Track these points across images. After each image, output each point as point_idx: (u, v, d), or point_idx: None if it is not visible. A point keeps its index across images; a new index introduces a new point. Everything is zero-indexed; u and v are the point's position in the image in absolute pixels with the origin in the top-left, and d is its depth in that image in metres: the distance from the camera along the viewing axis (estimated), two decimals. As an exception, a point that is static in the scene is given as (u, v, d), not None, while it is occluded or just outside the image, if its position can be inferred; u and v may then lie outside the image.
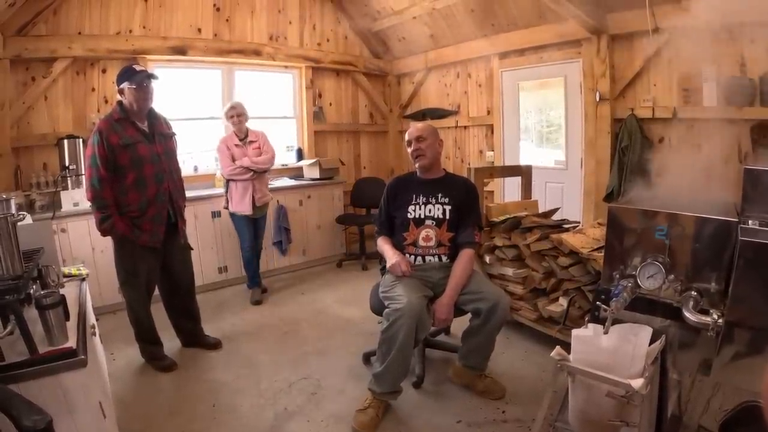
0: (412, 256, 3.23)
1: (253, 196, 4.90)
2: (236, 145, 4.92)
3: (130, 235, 3.35)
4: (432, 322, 3.02)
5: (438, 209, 3.21)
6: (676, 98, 4.54)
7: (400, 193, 3.34)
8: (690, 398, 2.41)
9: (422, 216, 3.22)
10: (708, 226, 1.94)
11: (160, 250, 3.54)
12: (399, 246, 3.28)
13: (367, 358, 3.60)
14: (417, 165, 3.31)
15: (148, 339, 3.67)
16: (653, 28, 4.44)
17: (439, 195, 3.23)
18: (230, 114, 4.93)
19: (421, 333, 2.88)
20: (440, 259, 3.21)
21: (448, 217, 3.19)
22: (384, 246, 3.31)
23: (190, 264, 3.84)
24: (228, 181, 4.96)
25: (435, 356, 3.70)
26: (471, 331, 3.08)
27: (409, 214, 3.24)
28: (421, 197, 3.25)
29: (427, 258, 3.21)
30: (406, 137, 3.32)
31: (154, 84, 3.39)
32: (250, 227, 5.05)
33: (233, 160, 4.86)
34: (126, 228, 3.33)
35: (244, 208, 4.89)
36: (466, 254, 3.14)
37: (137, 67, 3.36)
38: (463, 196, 3.25)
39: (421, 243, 3.21)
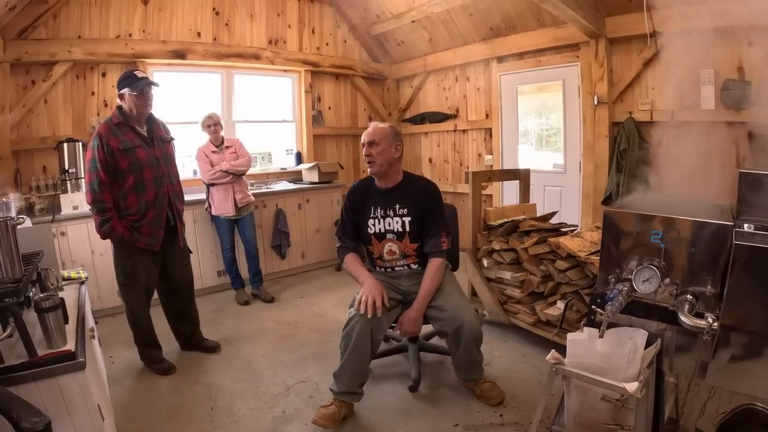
0: (381, 268, 3.21)
1: (234, 198, 5.05)
2: (213, 152, 5.10)
3: (129, 237, 3.37)
4: (398, 331, 3.04)
5: (397, 222, 3.09)
6: (674, 101, 4.56)
7: (359, 203, 3.20)
8: (686, 401, 2.42)
9: (382, 230, 3.12)
10: (703, 229, 1.95)
11: (159, 254, 3.55)
12: (369, 257, 3.26)
13: None
14: (368, 171, 3.16)
15: (146, 342, 3.67)
16: (651, 32, 4.46)
17: (397, 206, 3.09)
18: (207, 123, 5.11)
19: (377, 335, 2.85)
20: (409, 267, 3.17)
21: (408, 229, 3.08)
22: (354, 266, 3.15)
23: (189, 267, 3.85)
24: (208, 186, 5.11)
25: (432, 359, 3.71)
26: (450, 348, 3.06)
27: (369, 229, 3.14)
28: (379, 210, 3.12)
29: (396, 268, 3.18)
30: (362, 138, 3.13)
31: (154, 90, 3.42)
32: (231, 230, 5.24)
33: (212, 165, 5.02)
34: (125, 231, 3.34)
35: (227, 209, 5.05)
36: (434, 264, 3.04)
37: (139, 74, 3.37)
38: (423, 203, 3.08)
39: (387, 257, 3.16)
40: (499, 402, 3.10)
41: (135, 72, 3.39)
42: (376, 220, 3.11)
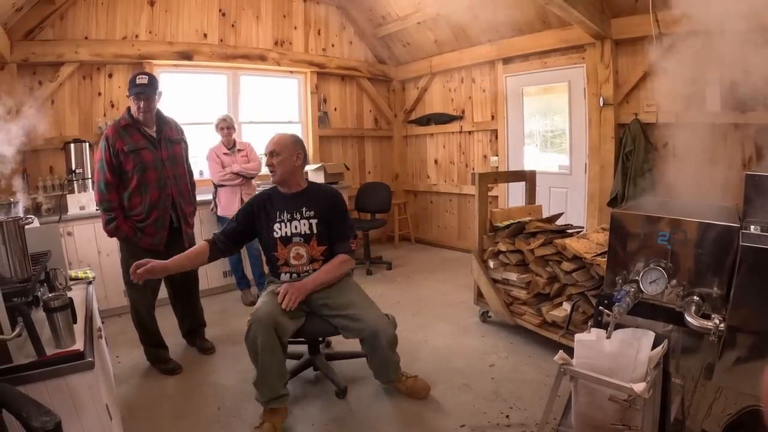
0: (288, 275, 3.11)
1: (242, 200, 5.07)
2: (225, 154, 5.16)
3: (134, 237, 3.44)
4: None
5: (304, 225, 3.06)
6: (679, 103, 4.55)
7: (262, 210, 3.15)
8: (693, 402, 2.42)
9: (289, 234, 3.06)
10: (710, 231, 1.95)
11: (164, 254, 3.56)
12: (273, 266, 3.18)
13: None
14: (271, 180, 3.18)
15: (151, 342, 3.70)
16: (657, 33, 4.46)
17: (303, 209, 3.08)
18: (221, 126, 5.17)
19: (283, 336, 2.79)
20: (315, 271, 3.09)
21: (315, 231, 3.06)
22: (191, 250, 3.18)
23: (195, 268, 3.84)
24: (216, 186, 5.18)
25: (431, 363, 3.71)
26: (367, 354, 3.06)
27: (275, 233, 3.07)
28: (285, 214, 3.08)
29: (302, 274, 3.09)
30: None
31: (163, 91, 3.47)
32: None
33: (222, 167, 5.08)
34: (130, 230, 3.42)
35: (234, 211, 5.00)
36: (338, 257, 3.07)
37: (138, 79, 3.41)
38: (330, 208, 3.12)
39: (293, 262, 3.08)
40: (425, 394, 3.16)
41: (137, 76, 3.44)
42: (282, 224, 3.07)
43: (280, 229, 3.06)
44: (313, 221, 3.06)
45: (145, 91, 3.38)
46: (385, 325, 2.92)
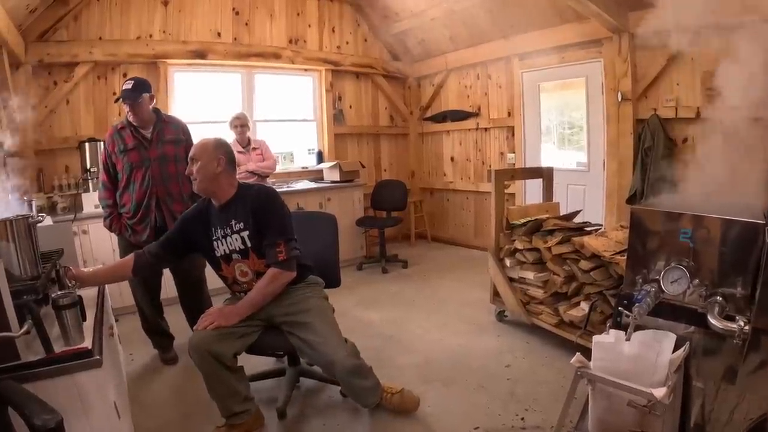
0: (240, 293, 2.90)
1: None
2: (239, 152, 5.16)
3: (125, 233, 3.65)
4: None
5: (236, 240, 2.74)
6: (699, 97, 4.47)
7: (199, 224, 2.87)
8: (714, 407, 2.34)
9: (227, 252, 2.79)
10: (734, 228, 1.88)
11: None
12: (226, 285, 3.01)
13: None
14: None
15: (150, 330, 3.88)
16: (675, 26, 4.37)
17: (233, 222, 2.75)
18: (235, 124, 5.24)
19: (225, 360, 2.60)
20: None
21: (250, 245, 2.73)
22: (115, 263, 3.03)
23: (194, 266, 3.79)
24: None
25: (446, 362, 3.68)
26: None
27: (216, 252, 2.82)
28: (218, 230, 2.79)
29: None
30: None
31: (177, 91, 3.55)
32: None
33: (237, 165, 5.02)
34: (122, 227, 3.63)
35: None
36: (268, 273, 2.70)
37: (124, 85, 3.48)
38: (256, 210, 2.73)
39: (241, 279, 2.85)
40: (415, 409, 3.00)
41: (126, 81, 3.53)
42: (219, 242, 2.80)
43: (218, 247, 2.81)
44: (244, 233, 2.73)
45: (129, 96, 3.43)
46: (342, 356, 2.62)
